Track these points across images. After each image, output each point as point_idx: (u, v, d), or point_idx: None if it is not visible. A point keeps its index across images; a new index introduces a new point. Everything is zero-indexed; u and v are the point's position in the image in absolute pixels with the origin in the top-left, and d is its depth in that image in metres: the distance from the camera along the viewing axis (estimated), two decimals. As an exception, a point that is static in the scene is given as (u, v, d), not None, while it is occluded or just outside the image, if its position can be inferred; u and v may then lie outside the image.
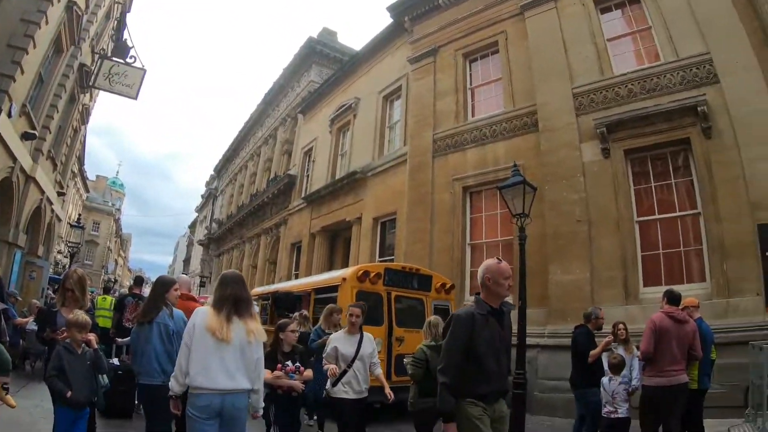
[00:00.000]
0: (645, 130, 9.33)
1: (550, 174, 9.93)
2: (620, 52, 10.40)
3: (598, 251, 9.24)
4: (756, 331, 7.56)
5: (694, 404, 5.73)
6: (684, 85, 9.33)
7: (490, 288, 3.40)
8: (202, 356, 3.30)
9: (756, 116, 8.46)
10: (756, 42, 8.94)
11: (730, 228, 8.35)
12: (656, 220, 9.24)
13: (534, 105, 10.62)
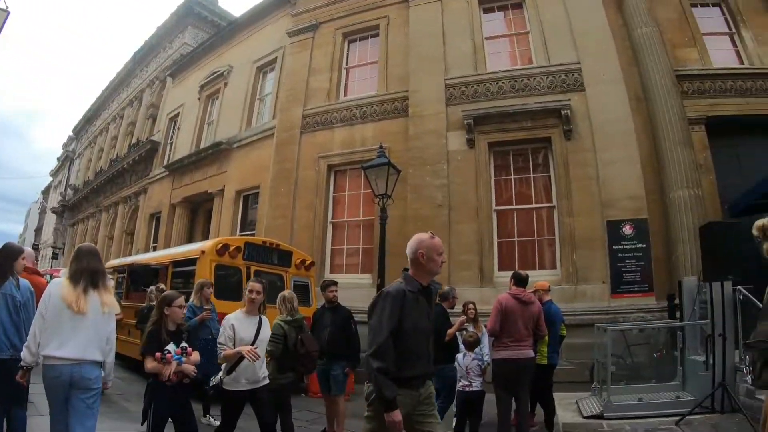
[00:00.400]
0: (510, 126, 9.84)
1: (415, 159, 10.09)
2: (496, 51, 10.92)
3: (456, 235, 9.52)
4: (601, 314, 8.61)
5: (543, 378, 6.23)
6: (552, 89, 10.09)
7: (422, 264, 3.19)
8: (56, 327, 3.28)
9: (613, 125, 9.58)
10: (624, 60, 10.18)
11: (582, 222, 9.24)
12: (513, 210, 9.83)
13: (407, 91, 10.78)
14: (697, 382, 7.15)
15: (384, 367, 2.92)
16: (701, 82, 10.53)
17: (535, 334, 5.60)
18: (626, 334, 8.45)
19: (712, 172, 9.99)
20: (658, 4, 11.16)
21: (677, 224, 9.21)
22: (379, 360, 2.94)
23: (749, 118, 10.59)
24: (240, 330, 4.37)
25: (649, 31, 10.35)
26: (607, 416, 6.67)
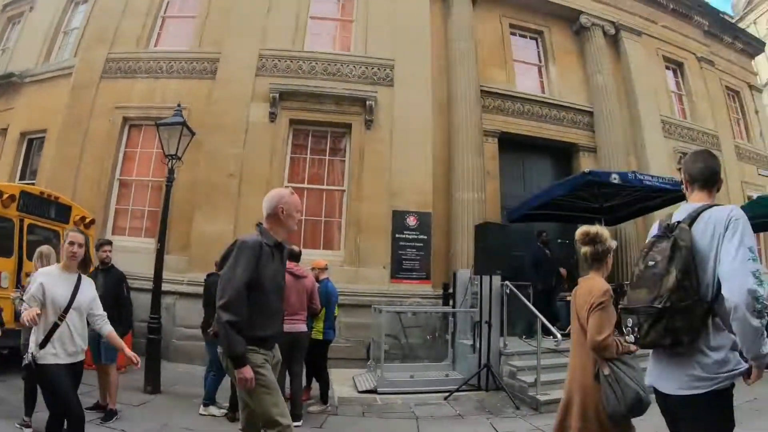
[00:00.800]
0: (315, 107, 10.64)
1: (214, 124, 10.39)
2: (318, 31, 11.74)
3: (245, 207, 9.84)
4: (380, 297, 9.50)
5: (319, 353, 6.80)
6: (362, 79, 11.02)
7: (281, 219, 3.22)
8: None
9: (413, 123, 10.70)
10: (436, 66, 11.48)
11: (369, 208, 10.19)
12: (305, 189, 10.49)
13: (219, 53, 11.05)
14: (465, 363, 8.25)
15: (235, 320, 2.85)
16: (503, 100, 12.49)
17: (309, 309, 6.02)
18: (402, 316, 9.42)
19: (497, 181, 11.74)
20: (481, 25, 12.84)
21: (458, 222, 10.58)
22: (230, 312, 2.86)
23: (538, 140, 12.78)
24: (51, 288, 3.59)
25: (467, 46, 11.92)
26: (380, 391, 7.34)
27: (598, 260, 3.25)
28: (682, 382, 2.29)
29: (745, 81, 19.28)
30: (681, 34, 16.44)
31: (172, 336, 9.09)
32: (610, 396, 2.90)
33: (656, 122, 14.09)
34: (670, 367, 2.37)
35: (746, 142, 18.04)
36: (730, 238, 2.18)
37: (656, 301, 2.23)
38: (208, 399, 6.11)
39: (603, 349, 2.96)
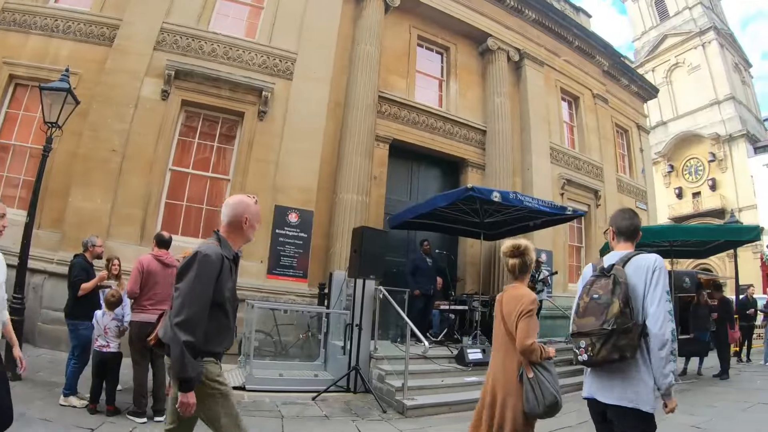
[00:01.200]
0: (210, 90, 10.37)
1: (103, 95, 9.86)
2: (225, 13, 11.43)
3: (125, 186, 9.51)
4: (255, 292, 9.46)
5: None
6: (262, 68, 10.88)
7: (242, 230, 3.06)
8: None
9: (306, 119, 10.73)
10: (338, 66, 11.60)
11: None
12: (189, 174, 10.30)
13: (120, 20, 10.45)
14: (336, 364, 8.33)
15: (192, 341, 2.64)
16: (399, 108, 12.79)
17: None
18: (276, 313, 9.40)
19: (383, 186, 12.00)
20: (390, 32, 13.08)
21: (340, 223, 10.70)
22: (187, 332, 2.64)
23: (429, 151, 13.24)
24: None
25: (372, 50, 12.10)
26: (249, 388, 7.29)
27: (524, 271, 3.59)
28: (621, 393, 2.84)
29: (634, 121, 20.75)
30: (581, 70, 17.56)
31: (38, 318, 8.54)
32: (530, 397, 3.23)
33: (545, 148, 14.90)
34: (610, 382, 2.90)
35: (628, 176, 19.43)
36: (655, 285, 2.85)
37: (605, 324, 2.80)
38: (68, 389, 5.76)
39: (530, 353, 3.28)
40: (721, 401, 7.17)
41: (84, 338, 5.83)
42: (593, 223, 16.39)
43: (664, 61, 43.05)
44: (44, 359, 7.60)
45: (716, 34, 40.07)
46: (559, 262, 14.65)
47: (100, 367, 5.56)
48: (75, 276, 6.12)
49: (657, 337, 2.75)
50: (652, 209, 20.48)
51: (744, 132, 36.66)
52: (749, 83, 44.46)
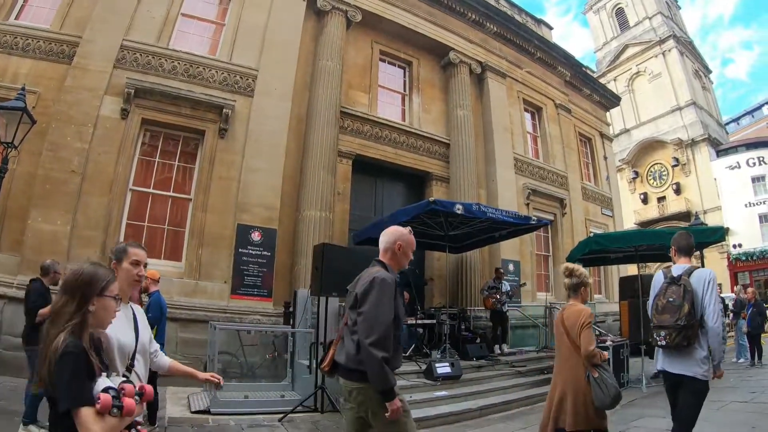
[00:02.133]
0: (170, 108, 10.26)
1: (63, 113, 9.65)
2: (186, 30, 11.33)
3: (84, 207, 9.30)
4: (219, 313, 9.36)
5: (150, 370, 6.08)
6: (223, 85, 10.83)
7: (397, 256, 3.43)
8: None
9: (268, 136, 10.68)
10: (300, 82, 11.61)
11: (214, 220, 10.00)
12: (150, 194, 10.13)
13: (80, 37, 10.22)
14: (303, 384, 8.21)
15: (387, 357, 3.01)
16: (362, 123, 12.81)
17: None
18: (241, 334, 9.32)
19: (347, 202, 11.95)
20: (352, 48, 13.18)
21: (304, 240, 10.64)
22: (383, 349, 3.00)
23: (393, 166, 13.29)
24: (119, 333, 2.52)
25: (333, 65, 12.17)
26: (213, 411, 7.13)
27: (575, 290, 4.24)
28: (685, 367, 3.97)
29: (597, 130, 21.17)
30: (544, 81, 17.88)
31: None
32: (598, 393, 3.86)
33: (509, 159, 15.07)
34: (677, 358, 4.04)
35: (593, 184, 19.80)
36: (711, 292, 3.96)
37: (678, 321, 3.95)
38: (28, 418, 5.58)
39: (593, 357, 3.93)
40: None
41: None
42: (560, 232, 16.58)
43: (625, 70, 44.06)
44: (5, 387, 7.42)
45: (676, 42, 41.18)
46: (526, 271, 14.77)
47: None
48: (32, 302, 6.00)
49: (713, 330, 3.89)
50: (618, 215, 20.83)
51: (706, 136, 37.61)
52: (709, 89, 45.70)
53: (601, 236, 12.12)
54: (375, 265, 3.39)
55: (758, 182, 34.93)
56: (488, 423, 7.35)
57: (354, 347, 3.12)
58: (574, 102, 19.63)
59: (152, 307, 6.28)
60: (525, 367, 10.06)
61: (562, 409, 4.02)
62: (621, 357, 9.83)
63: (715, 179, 36.35)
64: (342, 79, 12.14)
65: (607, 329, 12.95)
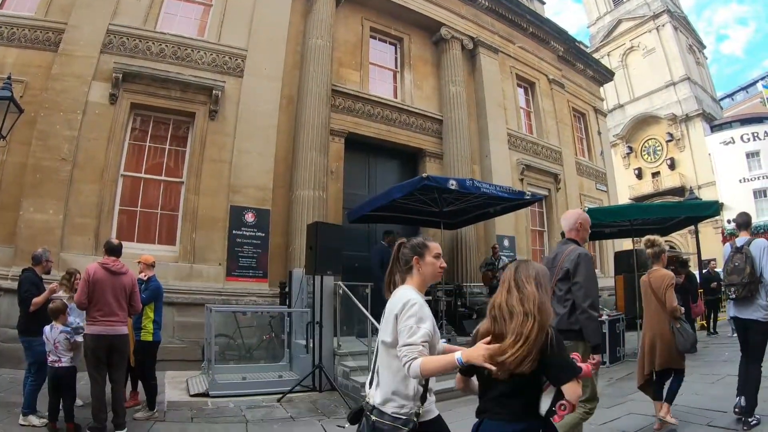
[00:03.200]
0: (159, 92, 10.13)
1: (51, 101, 9.51)
2: (173, 12, 11.14)
3: (76, 195, 9.21)
4: (215, 295, 9.33)
5: (147, 354, 6.34)
6: (212, 67, 10.68)
7: (580, 232, 4.27)
8: None
9: (259, 117, 10.60)
10: (290, 61, 11.45)
11: (207, 203, 9.94)
12: (142, 179, 10.04)
13: (66, 24, 10.01)
14: (301, 364, 8.24)
15: (597, 317, 3.91)
16: (353, 101, 12.63)
17: (129, 308, 5.68)
18: (237, 316, 9.29)
19: (341, 181, 11.87)
20: (342, 25, 12.97)
21: (298, 220, 10.51)
22: (596, 310, 3.88)
23: (387, 143, 13.10)
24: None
25: (323, 43, 11.93)
26: (212, 394, 7.12)
27: (657, 257, 5.32)
28: (750, 313, 5.03)
29: (591, 105, 21.06)
30: (536, 56, 17.70)
31: (-3, 337, 8.36)
32: (680, 339, 5.01)
33: (503, 135, 15.00)
34: (744, 307, 5.10)
35: (587, 159, 19.76)
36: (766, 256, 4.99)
37: (743, 279, 5.02)
38: (27, 408, 5.55)
39: (675, 311, 5.07)
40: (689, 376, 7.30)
41: (39, 354, 5.60)
42: (554, 207, 16.55)
43: (619, 46, 43.70)
44: (4, 379, 7.38)
45: (670, 17, 40.81)
46: (522, 247, 14.80)
47: (55, 383, 5.33)
48: (25, 291, 5.93)
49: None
50: (612, 190, 20.83)
51: (700, 111, 37.53)
52: (704, 64, 45.49)
53: (596, 210, 12.07)
54: (569, 243, 4.25)
55: (753, 158, 34.88)
56: (484, 399, 7.40)
57: (566, 311, 3.95)
58: (568, 77, 19.47)
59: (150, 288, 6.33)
60: (521, 341, 10.02)
61: (653, 353, 5.18)
62: (617, 331, 9.89)
63: (709, 154, 36.29)
64: (332, 57, 11.98)
65: (603, 304, 12.98)
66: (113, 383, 5.33)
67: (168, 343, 8.27)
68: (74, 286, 6.25)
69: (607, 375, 8.47)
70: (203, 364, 8.13)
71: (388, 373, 2.49)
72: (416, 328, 2.36)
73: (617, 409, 6.24)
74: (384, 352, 2.55)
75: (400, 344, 2.37)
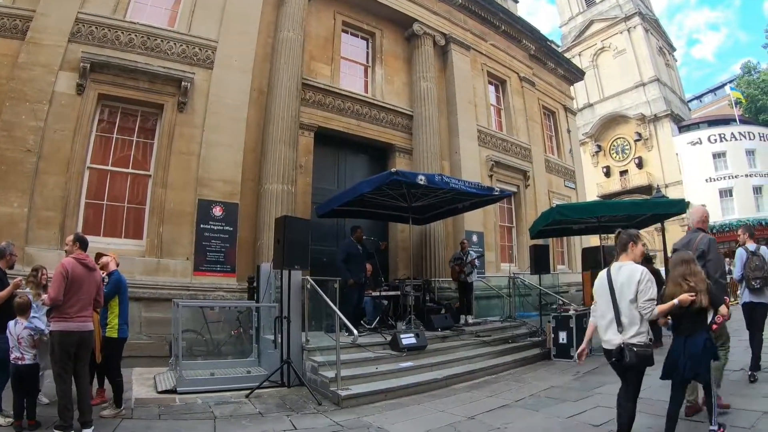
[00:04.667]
0: (127, 83, 9.97)
1: (17, 91, 9.23)
2: (144, 1, 10.92)
3: (42, 187, 9.01)
4: (182, 290, 9.22)
5: (113, 351, 6.25)
6: (181, 58, 10.55)
7: (705, 224, 6.01)
8: None
9: (228, 110, 10.54)
10: (260, 53, 11.42)
11: (174, 196, 9.83)
12: (108, 171, 9.85)
13: (34, 11, 9.70)
14: (269, 359, 8.24)
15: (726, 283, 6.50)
16: (324, 95, 12.64)
17: (95, 303, 5.64)
18: (206, 311, 9.24)
19: (310, 175, 11.87)
20: (314, 19, 12.97)
21: (266, 214, 10.47)
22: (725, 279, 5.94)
23: (356, 138, 13.14)
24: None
25: (294, 36, 11.91)
26: (180, 391, 7.06)
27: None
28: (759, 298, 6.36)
29: (561, 103, 21.41)
30: (508, 54, 17.92)
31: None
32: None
33: (472, 131, 15.16)
34: (757, 296, 6.36)
35: (557, 157, 20.09)
36: None
37: (765, 274, 6.30)
38: None
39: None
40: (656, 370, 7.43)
41: (2, 352, 5.40)
42: (523, 203, 16.79)
43: (590, 46, 44.32)
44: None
45: (641, 19, 41.51)
46: (490, 242, 14.98)
47: (18, 381, 5.25)
48: None
49: None
50: (581, 188, 21.24)
51: (668, 112, 38.26)
52: (673, 66, 46.40)
53: (564, 207, 12.24)
54: (698, 232, 5.79)
55: (719, 158, 35.67)
56: (454, 392, 7.48)
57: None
58: (539, 75, 19.75)
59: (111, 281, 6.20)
60: (490, 336, 10.22)
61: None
62: (584, 326, 10.04)
63: (676, 154, 37.02)
64: (304, 50, 11.96)
65: (571, 299, 13.22)
66: (78, 378, 5.26)
67: (135, 339, 8.20)
68: (40, 282, 6.16)
69: (573, 369, 8.65)
70: (171, 360, 8.01)
71: (634, 319, 4.08)
72: (652, 289, 4.06)
73: (584, 402, 6.41)
74: (629, 307, 4.10)
75: (642, 299, 4.03)
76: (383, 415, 6.30)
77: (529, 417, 5.99)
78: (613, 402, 4.97)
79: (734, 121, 37.26)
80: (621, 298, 4.16)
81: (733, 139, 35.43)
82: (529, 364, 9.53)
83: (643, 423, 4.76)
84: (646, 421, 4.94)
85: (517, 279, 13.28)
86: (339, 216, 11.45)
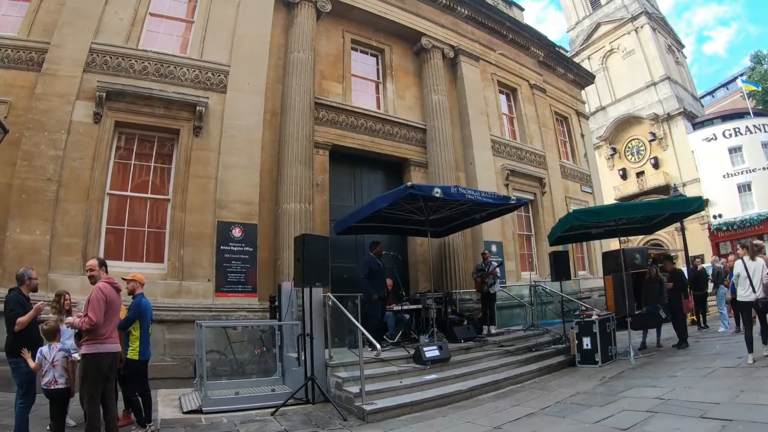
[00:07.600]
0: (143, 109, 10.16)
1: (35, 121, 9.48)
2: (155, 29, 11.20)
3: (63, 215, 9.19)
4: (205, 312, 9.31)
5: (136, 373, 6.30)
6: (195, 83, 10.75)
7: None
8: None
9: (243, 132, 10.68)
10: (272, 76, 11.58)
11: (194, 219, 9.97)
12: (128, 197, 10.04)
13: (49, 43, 10.03)
14: (293, 377, 8.25)
15: None
16: (337, 113, 12.74)
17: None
18: (228, 331, 9.31)
19: (326, 193, 11.95)
20: (323, 38, 13.15)
21: (285, 233, 10.57)
22: None
23: (370, 154, 13.21)
24: None
25: (305, 57, 12.08)
26: (205, 410, 7.11)
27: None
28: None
29: (573, 108, 21.34)
30: (517, 62, 17.95)
31: (-15, 361, 8.25)
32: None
33: (486, 141, 15.17)
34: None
35: (571, 162, 20.01)
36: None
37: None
38: (18, 431, 5.48)
39: None
40: (682, 370, 7.40)
41: (27, 375, 5.53)
42: (541, 211, 16.70)
43: (599, 49, 44.23)
44: (-5, 403, 7.42)
45: (648, 19, 41.36)
46: (509, 252, 14.90)
47: (53, 406, 5.24)
48: (10, 311, 5.84)
49: None
50: (597, 192, 21.07)
51: (681, 110, 37.92)
52: (683, 63, 46.10)
53: (581, 212, 12.13)
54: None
55: (735, 153, 35.17)
56: (479, 403, 7.43)
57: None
58: (549, 82, 19.74)
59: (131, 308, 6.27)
60: (513, 346, 10.16)
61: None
62: (607, 330, 9.97)
63: (692, 152, 36.58)
64: (315, 70, 12.08)
65: (593, 304, 13.12)
66: (105, 399, 5.26)
67: (159, 361, 8.29)
68: (63, 308, 6.29)
69: (599, 375, 8.60)
70: (195, 381, 8.08)
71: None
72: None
73: (610, 406, 6.34)
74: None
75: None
76: (409, 428, 6.29)
77: (555, 424, 5.95)
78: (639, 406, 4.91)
79: (748, 114, 36.67)
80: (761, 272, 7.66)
81: (748, 133, 34.93)
82: (554, 372, 9.45)
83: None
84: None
85: (539, 287, 13.20)
86: (357, 232, 11.47)
